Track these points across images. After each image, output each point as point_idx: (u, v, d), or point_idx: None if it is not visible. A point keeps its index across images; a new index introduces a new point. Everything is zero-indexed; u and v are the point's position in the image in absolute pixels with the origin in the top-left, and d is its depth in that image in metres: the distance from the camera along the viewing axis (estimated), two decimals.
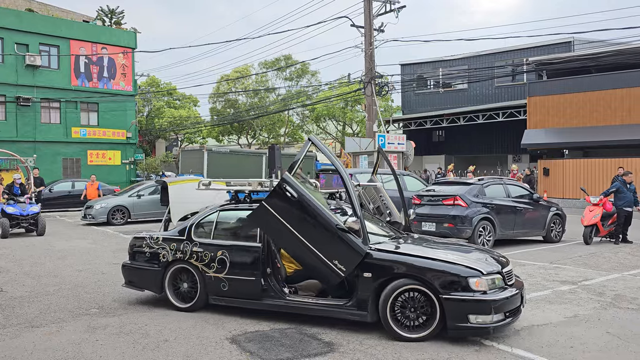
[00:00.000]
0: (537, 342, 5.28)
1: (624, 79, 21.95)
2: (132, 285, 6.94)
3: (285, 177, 5.56)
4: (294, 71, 40.26)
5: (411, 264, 5.41)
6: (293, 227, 5.53)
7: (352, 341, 5.33)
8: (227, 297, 6.26)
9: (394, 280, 5.39)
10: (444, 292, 5.19)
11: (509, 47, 29.13)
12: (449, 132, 32.74)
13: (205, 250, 6.34)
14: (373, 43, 21.45)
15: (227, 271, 6.19)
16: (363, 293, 5.53)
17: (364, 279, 5.52)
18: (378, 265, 5.49)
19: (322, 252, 5.48)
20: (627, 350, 5.07)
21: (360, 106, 35.46)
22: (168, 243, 6.61)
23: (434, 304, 5.25)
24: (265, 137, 43.09)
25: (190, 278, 6.45)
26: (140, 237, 6.91)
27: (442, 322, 5.24)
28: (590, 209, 12.23)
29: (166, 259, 6.56)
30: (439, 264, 5.38)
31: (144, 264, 6.75)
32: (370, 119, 21.84)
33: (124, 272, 6.98)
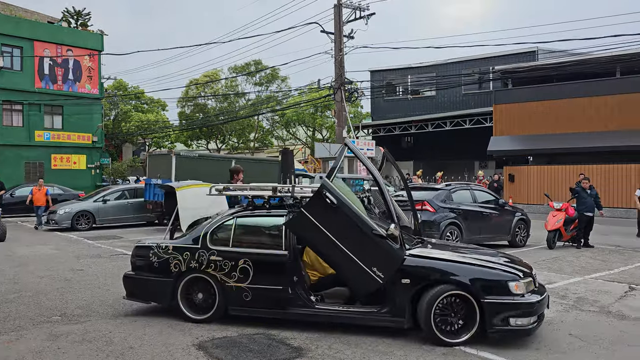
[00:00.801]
0: (504, 344, 5.36)
1: (585, 88, 22.63)
2: (135, 298, 6.49)
3: (324, 183, 5.41)
4: (264, 76, 40.17)
5: (451, 269, 5.44)
6: (332, 234, 5.39)
7: (321, 346, 5.32)
8: (249, 308, 5.95)
9: (435, 286, 5.36)
10: (485, 297, 5.24)
11: (476, 55, 29.71)
12: (418, 138, 33.14)
13: (225, 259, 6.00)
14: (343, 49, 21.59)
15: (250, 280, 5.89)
16: (400, 299, 5.45)
17: (401, 285, 5.44)
18: (416, 271, 5.47)
19: (361, 259, 5.36)
20: (588, 352, 5.19)
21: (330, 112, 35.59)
22: (180, 252, 6.17)
23: (474, 308, 5.29)
24: (234, 142, 42.81)
25: (206, 288, 6.08)
26: (146, 246, 6.42)
27: (481, 325, 5.28)
28: (553, 214, 12.53)
29: (178, 268, 6.13)
30: (478, 269, 5.49)
31: (151, 274, 6.28)
32: (340, 125, 21.94)
33: (127, 284, 6.48)
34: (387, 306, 5.52)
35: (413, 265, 5.47)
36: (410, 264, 5.46)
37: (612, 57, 21.57)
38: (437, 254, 5.80)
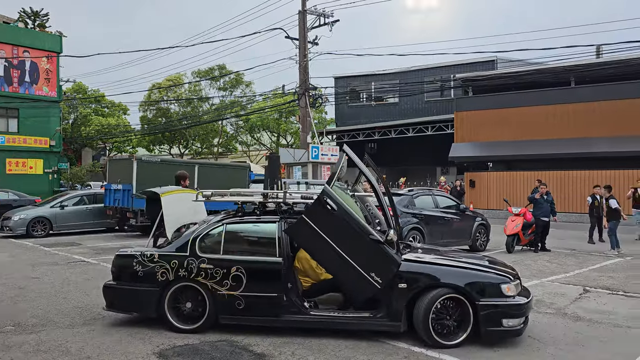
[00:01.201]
0: (464, 347, 5.46)
1: (542, 96, 23.35)
2: (116, 309, 6.25)
3: (325, 189, 5.40)
4: (228, 81, 39.91)
5: (447, 273, 5.60)
6: (332, 239, 5.40)
7: (284, 352, 5.30)
8: (242, 316, 5.85)
9: (432, 289, 5.46)
10: (480, 299, 5.41)
11: (438, 63, 30.27)
12: (381, 144, 33.50)
13: (216, 267, 5.86)
14: (307, 55, 21.66)
15: (243, 288, 5.78)
16: (397, 304, 5.52)
17: (398, 290, 5.51)
18: (413, 276, 5.55)
19: (359, 265, 5.38)
20: (545, 352, 5.35)
21: (294, 117, 35.63)
22: (167, 260, 5.97)
23: (468, 310, 5.44)
24: (198, 147, 42.31)
25: (195, 297, 5.92)
26: (128, 254, 6.17)
27: (475, 327, 5.43)
28: (512, 219, 12.86)
29: (165, 277, 5.93)
30: (472, 272, 5.67)
31: (135, 284, 6.03)
32: (304, 130, 21.97)
33: (107, 295, 6.21)
34: (383, 310, 5.60)
35: (409, 270, 5.57)
36: (406, 269, 5.55)
37: (566, 67, 22.35)
38: (431, 259, 5.95)
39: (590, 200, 14.53)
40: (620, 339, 5.83)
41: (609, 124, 21.25)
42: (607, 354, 5.31)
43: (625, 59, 21.16)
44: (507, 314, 5.43)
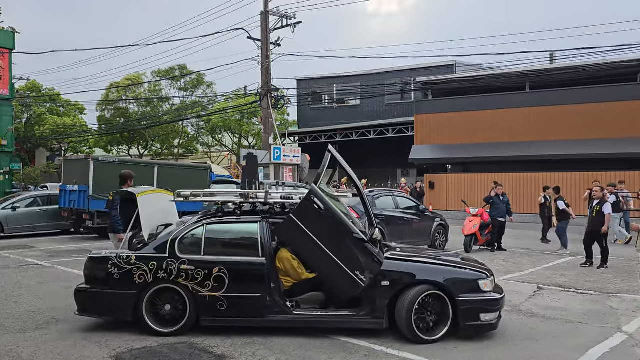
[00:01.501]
0: (423, 345, 5.55)
1: (498, 100, 23.98)
2: (89, 313, 6.05)
3: (313, 189, 5.46)
4: (189, 81, 39.31)
5: (428, 270, 5.80)
6: (318, 238, 5.46)
7: (245, 353, 5.27)
8: (225, 317, 5.78)
9: (414, 287, 5.61)
10: (458, 295, 5.60)
11: (399, 67, 30.69)
12: (343, 146, 33.63)
13: (198, 268, 5.75)
14: (269, 56, 21.61)
15: (226, 289, 5.71)
16: (380, 301, 5.62)
17: (381, 288, 5.62)
18: (395, 274, 5.68)
19: (345, 263, 5.47)
20: (502, 348, 5.50)
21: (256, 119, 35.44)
22: (145, 262, 5.81)
23: (447, 306, 5.61)
24: (157, 148, 41.52)
25: (175, 299, 5.79)
26: (103, 256, 5.96)
27: (454, 322, 5.61)
28: (470, 220, 13.15)
29: (143, 279, 5.76)
30: (452, 269, 5.92)
31: (111, 287, 5.84)
32: (266, 132, 21.90)
33: (80, 298, 5.98)
34: (366, 308, 5.70)
35: (392, 268, 5.70)
36: (389, 268, 5.68)
37: (522, 72, 23.05)
38: (411, 257, 6.16)
39: (542, 201, 14.98)
40: (572, 333, 6.05)
41: (563, 127, 22.00)
42: (560, 348, 5.50)
43: (577, 65, 21.97)
44: (485, 308, 5.67)
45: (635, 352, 5.39)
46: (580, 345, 5.57)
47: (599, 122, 21.27)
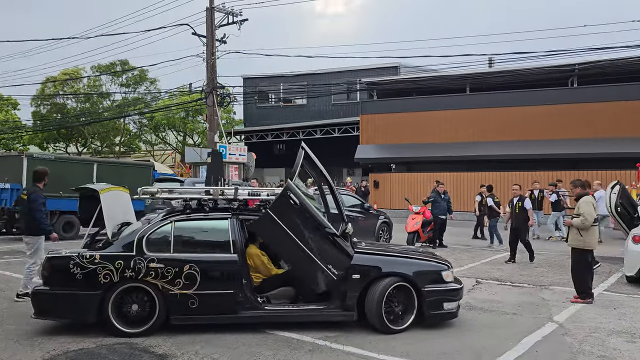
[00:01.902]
0: (366, 338, 5.65)
1: (440, 102, 24.67)
2: (48, 316, 5.76)
3: (288, 185, 5.52)
4: (131, 77, 38.15)
5: (395, 263, 6.08)
6: (294, 233, 5.52)
7: (188, 351, 5.18)
8: (196, 315, 5.69)
9: (383, 279, 5.82)
10: (424, 286, 5.90)
11: (345, 67, 31.00)
12: (289, 145, 33.69)
13: (168, 266, 5.63)
14: (215, 53, 21.29)
15: (197, 286, 5.63)
16: (351, 294, 5.79)
17: (352, 281, 5.79)
18: (365, 267, 5.89)
19: (319, 257, 5.59)
20: (442, 339, 5.66)
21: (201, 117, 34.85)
22: (111, 261, 5.60)
23: (413, 296, 5.88)
24: (97, 146, 40.09)
25: (143, 298, 5.63)
26: (63, 256, 5.70)
27: (419, 311, 5.90)
28: (412, 217, 13.46)
29: (109, 279, 5.55)
30: (417, 261, 6.24)
31: (73, 288, 5.58)
32: (211, 130, 21.55)
33: (38, 301, 5.68)
34: (337, 301, 5.84)
35: (361, 262, 5.90)
36: (359, 262, 5.86)
37: (462, 75, 23.81)
38: (378, 251, 6.43)
39: (479, 199, 15.48)
40: (507, 324, 6.31)
41: (501, 129, 22.89)
42: (496, 338, 5.73)
43: (514, 69, 22.91)
44: (447, 298, 6.01)
45: (564, 339, 5.69)
46: (515, 334, 5.82)
47: (537, 124, 22.28)
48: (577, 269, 7.54)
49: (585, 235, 7.35)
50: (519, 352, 5.23)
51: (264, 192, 6.40)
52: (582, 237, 7.36)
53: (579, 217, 7.38)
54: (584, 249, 7.42)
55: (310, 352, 5.19)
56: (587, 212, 7.32)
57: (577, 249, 7.48)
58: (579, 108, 21.75)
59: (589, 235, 7.37)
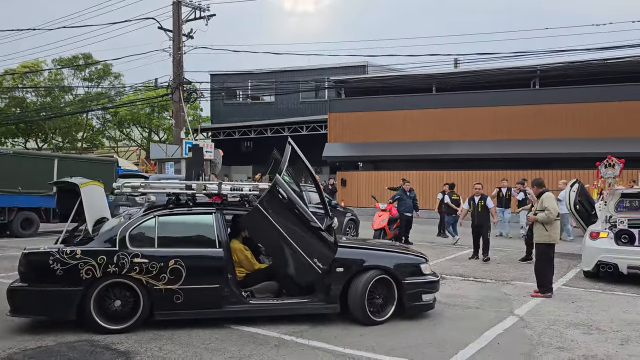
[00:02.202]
0: (332, 333, 5.67)
1: (407, 101, 24.95)
2: (25, 313, 5.61)
3: (277, 180, 5.58)
4: (95, 71, 37.24)
5: (377, 257, 6.24)
6: (282, 227, 5.57)
7: (150, 348, 5.10)
8: (181, 310, 5.67)
9: (366, 272, 5.99)
10: (404, 278, 6.11)
11: (313, 65, 31.00)
12: (257, 143, 33.51)
13: (152, 261, 5.58)
14: (182, 48, 21.03)
15: (182, 281, 5.61)
16: (335, 287, 5.92)
17: (336, 274, 5.92)
18: (348, 261, 6.03)
19: (305, 251, 5.64)
20: (408, 333, 5.73)
21: (167, 113, 34.31)
22: (93, 256, 5.50)
23: (394, 288, 6.06)
24: (59, 142, 39.01)
25: (125, 294, 5.55)
26: (43, 252, 5.55)
27: (399, 303, 6.08)
28: (379, 215, 13.56)
29: (91, 275, 5.44)
30: (397, 254, 6.45)
31: (53, 284, 5.45)
32: (177, 126, 21.27)
33: (14, 298, 5.52)
34: (321, 294, 5.96)
35: (345, 255, 6.03)
36: (342, 255, 5.96)
37: (428, 75, 24.14)
38: (361, 245, 6.65)
39: (440, 197, 15.73)
40: (470, 317, 6.44)
41: (465, 128, 23.30)
42: (459, 330, 5.83)
43: (479, 69, 23.36)
44: (425, 290, 6.25)
45: (525, 332, 5.84)
46: (477, 327, 5.94)
47: (500, 124, 22.78)
48: (540, 264, 7.75)
49: (550, 229, 7.61)
50: (482, 345, 5.34)
51: (246, 187, 6.40)
52: (548, 232, 7.63)
53: (543, 212, 7.62)
54: (549, 244, 7.67)
55: (276, 348, 5.18)
56: (551, 206, 7.60)
57: (541, 244, 7.74)
58: (540, 109, 22.34)
59: (553, 230, 7.65)
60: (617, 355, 5.10)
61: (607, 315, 6.60)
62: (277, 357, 4.91)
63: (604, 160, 15.80)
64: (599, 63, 21.46)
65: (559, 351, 5.18)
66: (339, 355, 4.97)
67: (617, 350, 5.23)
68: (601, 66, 21.47)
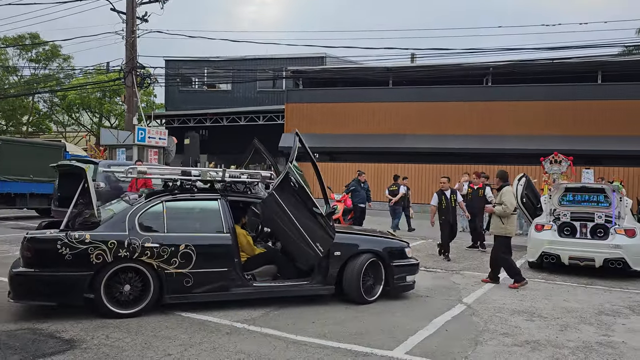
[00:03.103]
0: (285, 321, 5.68)
1: (364, 94, 25.14)
2: (29, 299, 5.47)
3: (290, 169, 5.98)
4: (42, 52, 35.72)
5: (369, 241, 6.77)
6: (292, 213, 5.95)
7: (97, 336, 4.97)
8: (190, 294, 5.82)
9: (360, 255, 6.47)
10: (392, 261, 6.67)
11: (271, 55, 30.75)
12: (212, 131, 33.02)
13: (163, 245, 5.69)
14: (135, 31, 20.39)
15: (192, 266, 5.77)
16: (332, 269, 6.34)
17: (334, 258, 6.34)
18: (344, 245, 6.46)
19: (309, 236, 6.01)
20: (359, 321, 5.80)
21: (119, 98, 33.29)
22: (103, 241, 5.48)
23: (381, 270, 6.61)
24: (2, 125, 37.27)
25: (135, 278, 5.60)
26: (50, 237, 5.43)
27: (386, 283, 6.63)
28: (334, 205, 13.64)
29: (102, 259, 5.44)
30: (385, 239, 6.98)
31: (62, 269, 5.37)
32: (130, 112, 20.66)
33: (20, 284, 5.38)
34: (319, 277, 6.35)
35: (341, 240, 6.43)
36: (339, 240, 6.36)
37: (385, 68, 24.38)
38: (352, 231, 7.13)
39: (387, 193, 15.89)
40: (421, 305, 6.58)
41: (422, 122, 23.70)
42: (409, 318, 5.96)
43: (434, 64, 23.76)
44: (409, 271, 6.85)
45: (472, 319, 6.02)
46: (427, 315, 6.08)
47: (454, 119, 23.26)
48: (498, 255, 7.96)
49: (506, 222, 7.87)
50: (430, 331, 5.47)
51: (244, 175, 6.64)
52: (504, 225, 7.88)
53: (500, 206, 7.85)
54: (505, 236, 7.92)
55: (228, 335, 5.15)
56: (508, 200, 7.85)
57: (499, 236, 7.98)
58: (492, 105, 22.96)
59: (510, 223, 7.91)
60: (557, 340, 5.33)
61: (549, 304, 6.89)
62: (228, 344, 4.88)
63: (549, 156, 16.33)
64: (546, 62, 22.24)
65: (504, 337, 5.36)
66: (291, 342, 4.99)
67: (557, 336, 5.46)
68: (549, 65, 22.26)
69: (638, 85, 21.87)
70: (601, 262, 8.68)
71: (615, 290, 7.95)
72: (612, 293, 7.73)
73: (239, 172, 6.72)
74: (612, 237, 8.83)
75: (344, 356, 4.67)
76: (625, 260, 8.57)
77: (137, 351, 4.61)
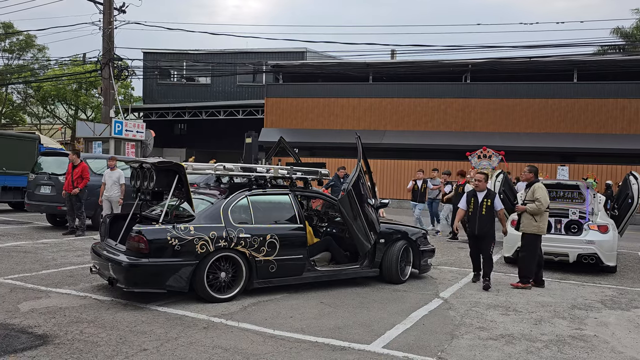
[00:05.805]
0: (262, 315, 5.66)
1: (344, 90, 25.15)
2: (141, 287, 5.80)
3: (360, 167, 6.90)
4: (16, 42, 34.94)
5: (404, 230, 7.74)
6: (359, 206, 6.80)
7: (71, 331, 4.88)
8: (274, 278, 6.48)
9: (396, 242, 7.49)
10: (419, 246, 7.76)
11: (251, 49, 30.57)
12: (191, 125, 32.75)
13: (254, 235, 6.31)
14: (113, 22, 20.06)
15: (277, 253, 6.43)
16: (378, 254, 7.31)
17: (380, 245, 7.32)
18: (386, 233, 7.44)
19: (368, 226, 6.90)
20: (336, 315, 5.81)
21: (96, 90, 32.75)
22: (205, 232, 6.01)
23: (410, 254, 7.66)
24: None
25: (230, 266, 6.17)
26: (160, 228, 5.86)
27: (414, 264, 7.72)
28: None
29: (205, 249, 5.97)
30: (412, 228, 8.02)
31: (172, 259, 5.81)
32: (107, 104, 20.35)
33: (133, 273, 5.73)
34: (366, 261, 7.29)
35: (384, 229, 7.41)
36: (382, 229, 7.33)
37: (366, 64, 24.41)
38: (388, 221, 8.01)
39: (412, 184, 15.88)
40: (398, 300, 6.61)
41: (402, 118, 23.81)
42: (387, 313, 5.98)
43: (414, 61, 23.86)
44: (430, 255, 8.00)
45: (448, 313, 6.07)
46: (404, 309, 6.12)
47: (432, 115, 23.42)
48: (526, 254, 7.60)
49: (539, 220, 7.47)
50: (407, 325, 5.50)
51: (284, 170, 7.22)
52: (537, 223, 7.47)
53: (533, 203, 7.46)
54: (537, 234, 7.56)
55: (205, 330, 5.10)
56: (543, 197, 7.41)
57: (529, 234, 7.58)
58: (471, 102, 23.17)
59: (542, 220, 7.50)
60: (531, 333, 5.41)
61: (524, 298, 6.99)
62: (205, 339, 4.84)
63: (476, 151, 16.19)
64: (524, 60, 22.51)
65: (479, 331, 5.43)
66: (268, 337, 4.97)
67: (532, 330, 5.55)
68: (527, 63, 22.54)
69: (613, 84, 22.30)
70: (575, 257, 8.84)
71: (588, 285, 8.11)
72: (585, 288, 7.88)
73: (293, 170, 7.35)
74: (586, 233, 8.99)
75: (321, 350, 4.67)
76: (598, 255, 8.74)
77: (111, 346, 4.55)
